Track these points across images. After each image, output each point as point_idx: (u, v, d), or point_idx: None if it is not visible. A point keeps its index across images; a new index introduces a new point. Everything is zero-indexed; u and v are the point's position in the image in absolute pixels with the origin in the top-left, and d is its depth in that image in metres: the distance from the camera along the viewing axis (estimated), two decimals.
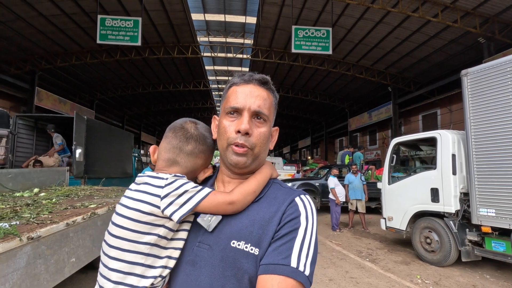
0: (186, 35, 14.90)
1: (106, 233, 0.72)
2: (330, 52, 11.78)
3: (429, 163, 6.10)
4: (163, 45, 15.38)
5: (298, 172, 16.33)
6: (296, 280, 0.62)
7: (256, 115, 0.76)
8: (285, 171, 15.62)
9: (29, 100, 15.09)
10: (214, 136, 0.83)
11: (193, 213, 0.74)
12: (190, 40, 15.39)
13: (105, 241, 0.71)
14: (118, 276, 0.67)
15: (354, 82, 18.78)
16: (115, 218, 0.71)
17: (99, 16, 10.80)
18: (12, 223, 1.86)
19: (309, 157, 29.14)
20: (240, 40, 17.08)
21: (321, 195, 10.02)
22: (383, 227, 6.01)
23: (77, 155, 5.44)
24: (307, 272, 0.64)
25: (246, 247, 0.67)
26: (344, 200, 7.78)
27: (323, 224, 8.69)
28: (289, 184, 8.12)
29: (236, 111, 0.76)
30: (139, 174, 0.76)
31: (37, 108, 15.26)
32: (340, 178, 8.88)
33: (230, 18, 15.14)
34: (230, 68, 21.84)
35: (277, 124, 0.92)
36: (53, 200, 3.10)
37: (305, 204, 0.74)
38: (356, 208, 7.75)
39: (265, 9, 12.53)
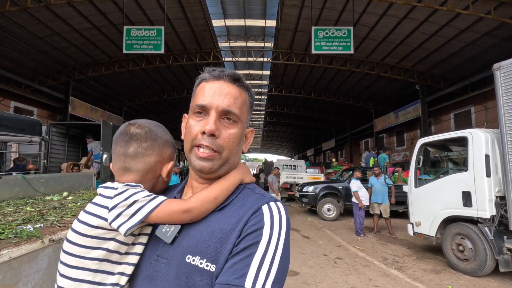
0: (208, 41, 15.25)
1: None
2: (352, 51, 11.47)
3: (461, 164, 5.72)
4: (186, 52, 15.84)
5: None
6: None
7: (225, 114, 0.69)
8: (308, 174, 15.37)
9: (64, 109, 16.20)
10: (183, 136, 0.76)
11: (148, 224, 0.70)
12: (211, 46, 15.73)
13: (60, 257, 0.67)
14: None
15: (379, 82, 18.15)
16: (68, 232, 0.67)
17: (125, 27, 11.33)
18: (35, 226, 1.97)
19: (334, 160, 28.49)
20: (261, 44, 17.16)
21: (344, 198, 9.74)
22: (411, 233, 5.70)
23: (103, 160, 5.72)
24: None
25: (201, 263, 0.61)
26: (368, 203, 7.50)
27: (346, 228, 8.43)
28: (311, 188, 7.82)
29: (204, 110, 0.70)
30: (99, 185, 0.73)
31: (71, 116, 16.30)
32: (364, 180, 8.58)
33: (250, 22, 15.26)
34: (252, 71, 22.00)
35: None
36: (78, 203, 3.25)
37: (272, 213, 0.64)
38: (380, 212, 7.45)
39: (284, 11, 12.50)
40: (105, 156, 5.66)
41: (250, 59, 17.20)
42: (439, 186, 5.23)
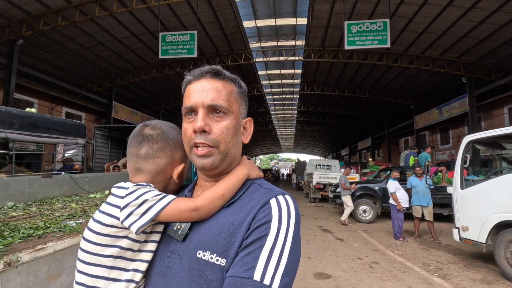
0: (239, 43, 15.44)
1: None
2: (388, 45, 10.87)
3: None
4: (218, 54, 16.19)
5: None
6: None
7: (213, 109, 0.71)
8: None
9: (108, 113, 17.45)
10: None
11: (160, 222, 0.72)
12: (242, 47, 15.90)
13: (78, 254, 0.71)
14: None
15: (419, 76, 16.97)
16: (85, 231, 0.71)
17: (160, 34, 11.91)
18: (78, 221, 2.14)
19: (370, 159, 27.30)
20: (292, 43, 16.97)
21: (381, 199, 9.26)
22: (456, 238, 5.23)
23: None
24: (275, 285, 0.57)
25: (212, 258, 0.63)
26: (407, 205, 7.04)
27: (383, 231, 8.00)
28: None
29: (192, 111, 0.72)
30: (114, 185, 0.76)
31: (114, 120, 17.50)
32: (403, 181, 8.09)
33: (281, 21, 15.17)
34: (283, 71, 21.87)
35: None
36: None
37: (281, 206, 0.66)
38: (423, 215, 6.94)
39: (315, 8, 12.22)
40: None
41: (282, 58, 17.08)
42: (490, 188, 4.74)
